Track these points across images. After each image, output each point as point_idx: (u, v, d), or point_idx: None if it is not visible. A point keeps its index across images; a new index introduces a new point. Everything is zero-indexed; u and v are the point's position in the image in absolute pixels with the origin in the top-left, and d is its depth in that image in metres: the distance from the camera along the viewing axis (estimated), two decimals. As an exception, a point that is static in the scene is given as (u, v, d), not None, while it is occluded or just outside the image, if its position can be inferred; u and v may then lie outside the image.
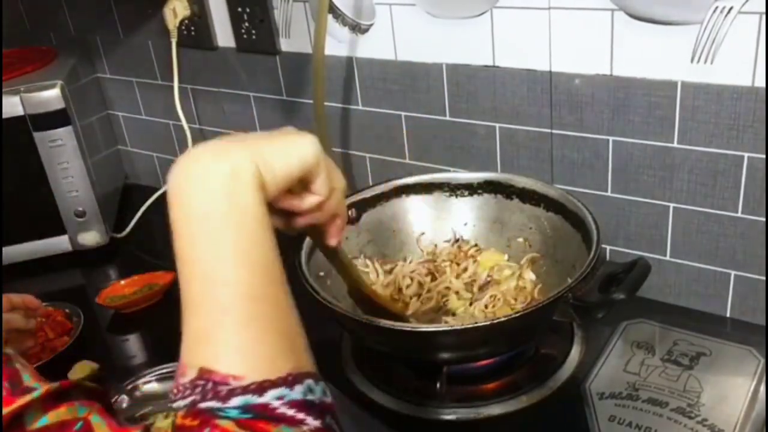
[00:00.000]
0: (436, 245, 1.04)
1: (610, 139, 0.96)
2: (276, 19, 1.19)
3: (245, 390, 0.43)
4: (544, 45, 0.95)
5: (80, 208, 1.29)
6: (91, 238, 1.31)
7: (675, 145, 0.91)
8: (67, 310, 1.11)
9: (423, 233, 1.05)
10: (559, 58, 0.95)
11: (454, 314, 0.93)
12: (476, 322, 0.81)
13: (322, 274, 0.96)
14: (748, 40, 0.81)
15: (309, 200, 0.56)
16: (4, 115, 1.21)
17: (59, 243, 1.31)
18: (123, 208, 1.47)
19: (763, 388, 0.84)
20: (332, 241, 0.64)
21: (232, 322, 0.46)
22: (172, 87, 1.34)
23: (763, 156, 0.85)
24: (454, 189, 1.04)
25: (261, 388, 0.43)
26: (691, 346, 0.91)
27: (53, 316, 1.09)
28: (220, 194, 0.48)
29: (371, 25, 1.09)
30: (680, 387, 0.84)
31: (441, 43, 1.04)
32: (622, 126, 0.94)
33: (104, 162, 1.45)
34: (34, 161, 1.24)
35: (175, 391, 0.45)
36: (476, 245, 1.02)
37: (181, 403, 0.44)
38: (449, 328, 0.79)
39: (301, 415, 0.43)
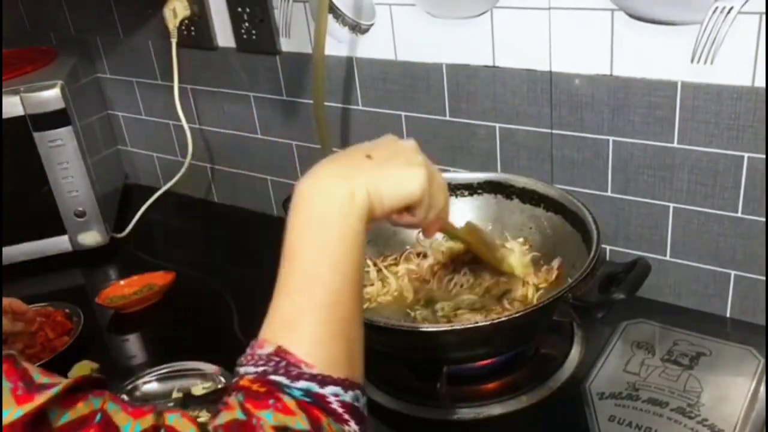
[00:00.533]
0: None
1: (610, 139, 0.96)
2: (276, 19, 1.19)
3: (312, 378, 0.49)
4: (544, 45, 0.95)
5: (80, 208, 1.29)
6: (91, 238, 1.32)
7: (675, 145, 0.91)
8: (67, 310, 1.11)
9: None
10: (559, 58, 0.95)
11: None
12: (476, 322, 0.81)
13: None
14: (748, 40, 0.81)
15: (405, 219, 0.65)
16: (4, 115, 1.21)
17: (59, 243, 1.31)
18: (123, 208, 1.47)
19: (763, 388, 0.84)
20: (427, 236, 0.75)
21: (317, 317, 0.52)
22: (172, 87, 1.34)
23: (763, 156, 0.85)
24: (454, 189, 1.04)
25: (324, 380, 0.49)
26: (691, 346, 0.91)
27: (53, 316, 1.09)
28: (336, 210, 0.56)
29: (371, 25, 1.09)
30: (680, 387, 0.84)
31: (441, 43, 1.04)
32: (622, 126, 0.94)
33: (104, 162, 1.45)
34: (34, 161, 1.24)
35: (248, 358, 0.51)
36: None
37: (251, 369, 0.50)
38: (449, 328, 0.79)
39: (347, 416, 0.49)
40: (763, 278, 0.92)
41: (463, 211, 1.04)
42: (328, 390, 0.49)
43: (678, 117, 0.89)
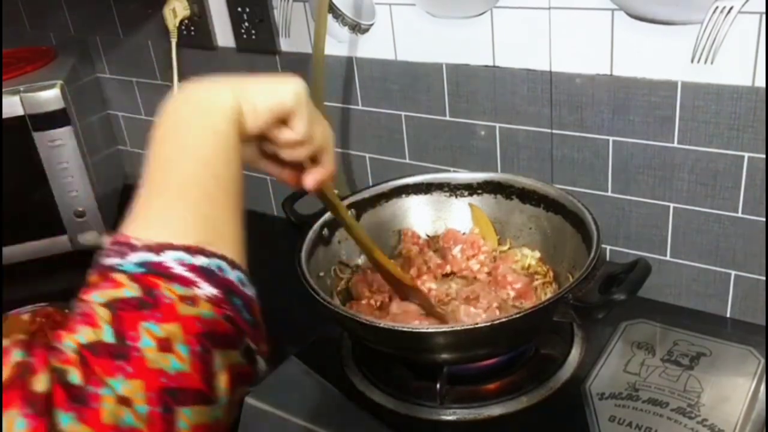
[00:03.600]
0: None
1: (610, 139, 0.96)
2: (276, 19, 1.19)
3: (145, 248, 0.46)
4: (544, 45, 0.95)
5: (80, 208, 1.29)
6: (91, 238, 1.31)
7: (675, 145, 0.91)
8: (66, 310, 1.11)
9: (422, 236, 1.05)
10: (559, 58, 0.95)
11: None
12: (476, 323, 0.81)
13: (321, 274, 0.96)
14: (749, 40, 0.81)
15: (284, 134, 0.61)
16: (4, 115, 1.20)
17: (59, 243, 1.31)
18: (123, 208, 1.47)
19: (763, 388, 0.83)
20: (306, 183, 0.68)
21: (164, 200, 0.50)
22: (171, 87, 1.34)
23: (764, 156, 0.85)
24: (454, 189, 1.04)
25: (160, 247, 0.46)
26: (691, 346, 0.91)
27: (53, 316, 1.09)
28: (200, 113, 0.55)
29: (371, 25, 1.09)
30: (680, 387, 0.84)
31: (441, 43, 1.04)
32: (623, 126, 0.94)
33: (104, 162, 1.45)
34: (34, 161, 1.24)
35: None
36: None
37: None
38: (449, 329, 0.79)
39: (195, 278, 0.45)
40: (764, 278, 0.92)
41: (463, 212, 1.04)
42: (167, 256, 0.45)
43: (678, 117, 0.89)
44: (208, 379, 0.43)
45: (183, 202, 0.50)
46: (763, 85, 0.82)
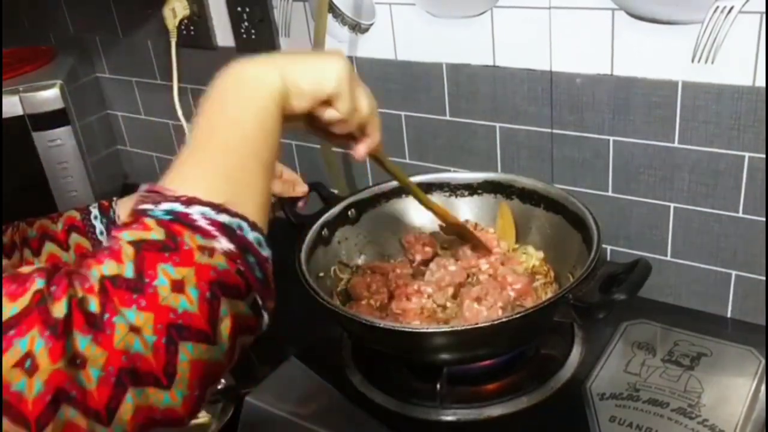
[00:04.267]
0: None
1: (611, 138, 0.96)
2: (276, 18, 1.19)
3: (176, 199, 0.49)
4: (545, 45, 0.95)
5: (80, 205, 1.28)
6: (90, 238, 1.31)
7: (676, 145, 0.91)
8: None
9: (423, 232, 1.05)
10: (560, 57, 0.95)
11: None
12: (476, 323, 0.80)
13: (321, 274, 0.96)
14: (749, 40, 0.81)
15: (329, 113, 0.65)
16: (4, 115, 1.21)
17: (59, 243, 1.30)
18: (122, 208, 1.47)
19: (763, 388, 0.83)
20: (356, 155, 0.74)
21: (200, 159, 0.54)
22: (171, 87, 1.34)
23: (764, 156, 0.85)
24: (454, 189, 1.04)
25: (189, 201, 0.49)
26: (691, 346, 0.91)
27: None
28: (248, 91, 0.59)
29: (371, 24, 1.09)
30: (681, 387, 0.84)
31: (441, 43, 1.03)
32: (623, 126, 0.94)
33: (104, 162, 1.45)
34: (34, 161, 1.24)
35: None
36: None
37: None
38: (449, 329, 0.79)
39: (216, 232, 0.49)
40: (764, 278, 0.92)
41: (464, 212, 1.04)
42: (194, 209, 0.49)
43: (679, 117, 0.89)
44: (213, 323, 0.47)
45: (218, 164, 0.54)
46: (764, 84, 0.82)
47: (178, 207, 0.49)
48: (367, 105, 0.68)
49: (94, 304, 0.44)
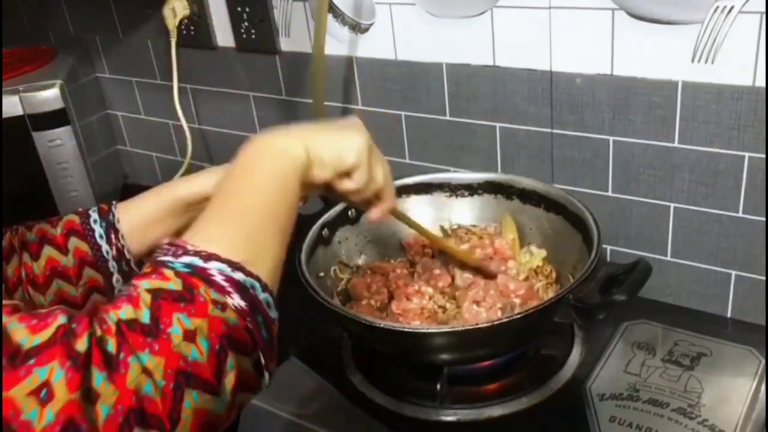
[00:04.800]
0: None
1: (611, 138, 0.96)
2: (276, 18, 1.19)
3: (196, 254, 0.52)
4: (545, 44, 0.95)
5: (80, 208, 1.28)
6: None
7: (676, 144, 0.91)
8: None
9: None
10: (560, 57, 0.95)
11: None
12: (477, 323, 0.80)
13: (321, 274, 0.96)
14: (749, 40, 0.81)
15: (344, 184, 0.70)
16: (4, 115, 1.20)
17: (59, 243, 1.30)
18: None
19: (763, 388, 0.83)
20: (368, 218, 0.78)
21: (222, 219, 0.57)
22: (171, 87, 1.34)
23: (764, 156, 0.85)
24: (455, 189, 1.04)
25: (209, 257, 0.52)
26: (691, 346, 0.91)
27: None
28: (273, 159, 0.63)
29: (371, 24, 1.09)
30: (681, 387, 0.84)
31: (441, 43, 1.03)
32: (623, 126, 0.94)
33: (104, 162, 1.45)
34: (34, 161, 1.24)
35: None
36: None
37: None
38: (450, 329, 0.79)
39: (230, 289, 0.51)
40: (764, 278, 0.92)
41: (464, 212, 1.04)
42: (212, 265, 0.51)
43: (679, 117, 0.89)
44: (218, 375, 0.48)
45: (238, 224, 0.57)
46: (764, 84, 0.82)
47: (197, 261, 0.51)
48: (382, 174, 0.73)
49: (111, 344, 0.45)
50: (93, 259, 0.76)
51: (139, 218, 0.79)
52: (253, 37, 1.22)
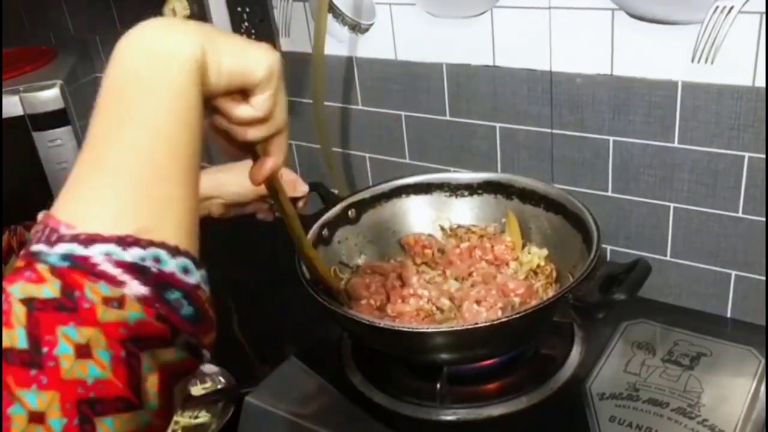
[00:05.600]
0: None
1: (611, 138, 0.96)
2: (276, 18, 1.19)
3: (73, 239, 0.41)
4: (545, 45, 0.95)
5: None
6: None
7: (675, 145, 0.91)
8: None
9: (422, 233, 1.05)
10: (560, 57, 0.95)
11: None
12: (476, 323, 0.80)
13: (322, 274, 0.96)
14: (749, 40, 0.81)
15: (242, 110, 0.53)
16: (4, 115, 1.21)
17: (59, 243, 1.31)
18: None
19: (763, 388, 0.83)
20: (253, 177, 0.60)
21: (99, 176, 0.44)
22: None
23: (764, 156, 0.85)
24: (454, 189, 1.04)
25: (89, 239, 0.41)
26: (691, 346, 0.91)
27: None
28: (154, 63, 0.46)
29: (371, 24, 1.09)
30: (681, 387, 0.84)
31: (441, 43, 1.04)
32: (623, 126, 0.94)
33: (104, 162, 1.45)
34: (34, 161, 1.24)
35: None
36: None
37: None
38: (449, 329, 0.79)
39: (125, 277, 0.40)
40: (764, 278, 0.92)
41: (464, 212, 1.04)
42: (95, 250, 0.40)
43: (678, 117, 0.89)
44: (133, 385, 0.40)
45: (122, 178, 0.43)
46: (764, 84, 0.82)
47: (75, 249, 0.40)
48: (283, 114, 0.56)
49: None
50: None
51: None
52: (253, 37, 1.22)
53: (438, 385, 0.84)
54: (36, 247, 0.41)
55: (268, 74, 0.52)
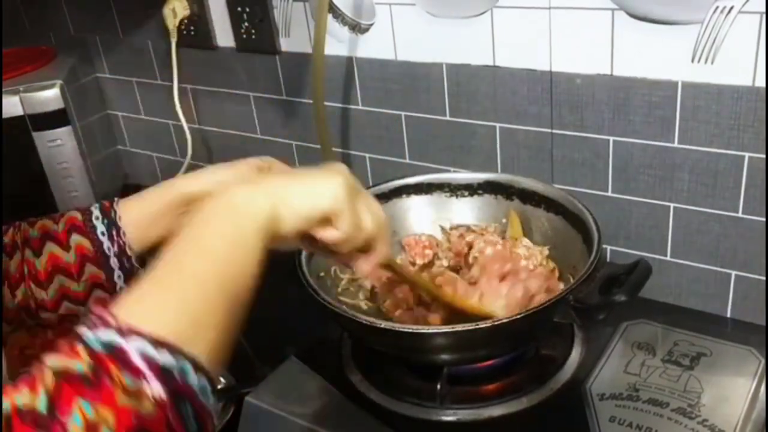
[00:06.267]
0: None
1: (611, 139, 0.96)
2: (276, 18, 1.19)
3: (115, 328, 0.44)
4: (545, 45, 0.95)
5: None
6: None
7: (675, 145, 0.91)
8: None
9: (423, 234, 1.05)
10: (560, 57, 0.95)
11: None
12: (477, 324, 0.80)
13: (322, 274, 0.96)
14: (749, 40, 0.81)
15: (328, 233, 0.60)
16: (4, 115, 1.21)
17: (59, 243, 1.31)
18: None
19: (763, 388, 0.83)
20: (358, 271, 0.68)
21: (158, 287, 0.50)
22: (171, 87, 1.34)
23: (764, 156, 0.85)
24: (455, 189, 1.04)
25: (129, 331, 0.44)
26: (691, 346, 0.91)
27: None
28: (227, 218, 0.54)
29: (371, 24, 1.09)
30: (681, 387, 0.84)
31: (441, 43, 1.03)
32: (623, 126, 0.94)
33: (104, 162, 1.45)
34: (34, 161, 1.24)
35: None
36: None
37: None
38: (449, 330, 0.79)
39: (148, 373, 0.43)
40: (764, 278, 0.92)
41: (464, 212, 1.04)
42: (132, 342, 0.44)
43: (678, 117, 0.89)
44: None
45: (176, 294, 0.49)
46: (764, 84, 0.82)
47: (114, 338, 0.44)
48: (372, 219, 0.63)
49: None
50: (94, 256, 0.75)
51: (140, 215, 0.77)
52: (253, 37, 1.22)
53: (438, 386, 0.84)
54: (81, 329, 0.45)
55: (334, 203, 0.58)
